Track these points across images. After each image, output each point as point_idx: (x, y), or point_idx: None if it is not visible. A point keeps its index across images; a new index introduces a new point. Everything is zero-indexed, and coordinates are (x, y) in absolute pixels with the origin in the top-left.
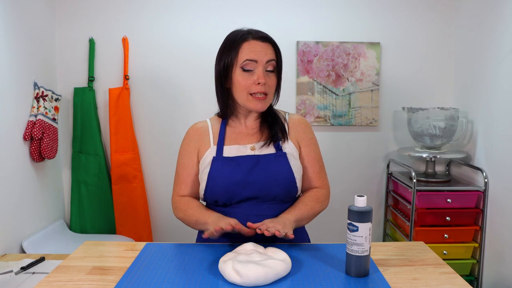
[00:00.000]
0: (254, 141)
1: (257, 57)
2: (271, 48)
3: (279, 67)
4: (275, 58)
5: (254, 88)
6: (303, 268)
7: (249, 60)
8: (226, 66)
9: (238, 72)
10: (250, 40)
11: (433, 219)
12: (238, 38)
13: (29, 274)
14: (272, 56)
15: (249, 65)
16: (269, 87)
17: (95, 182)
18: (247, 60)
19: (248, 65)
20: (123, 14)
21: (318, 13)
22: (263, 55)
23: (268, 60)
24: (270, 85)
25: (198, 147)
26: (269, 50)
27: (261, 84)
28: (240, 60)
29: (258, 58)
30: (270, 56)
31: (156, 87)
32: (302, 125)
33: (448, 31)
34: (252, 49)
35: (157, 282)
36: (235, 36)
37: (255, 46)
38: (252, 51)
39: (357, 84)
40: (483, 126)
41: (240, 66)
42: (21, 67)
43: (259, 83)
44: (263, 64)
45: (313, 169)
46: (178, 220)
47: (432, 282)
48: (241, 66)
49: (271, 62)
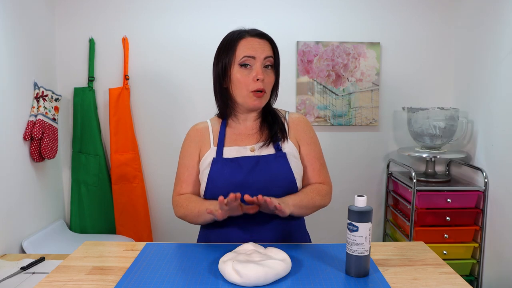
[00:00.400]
0: (254, 142)
1: (255, 53)
2: (268, 44)
3: (277, 64)
4: (273, 55)
5: (253, 85)
6: (303, 268)
7: (247, 57)
8: (225, 65)
9: (237, 69)
10: (247, 37)
11: (433, 219)
12: (235, 36)
13: (29, 274)
14: (269, 53)
15: (247, 62)
16: (267, 84)
17: (95, 182)
18: (245, 56)
19: (246, 61)
20: (123, 14)
21: (318, 13)
22: (260, 51)
23: (266, 56)
24: (268, 82)
25: (200, 148)
26: (267, 46)
27: (259, 80)
28: (238, 57)
29: (256, 54)
30: (268, 52)
31: (156, 87)
32: (302, 123)
33: (448, 31)
34: (249, 46)
35: (157, 282)
36: (232, 35)
37: (252, 42)
38: (250, 48)
39: (357, 84)
40: (483, 126)
41: (238, 63)
42: (21, 67)
43: (258, 79)
44: (261, 60)
45: (313, 167)
46: (178, 220)
47: (432, 282)
48: (239, 63)
49: (268, 59)
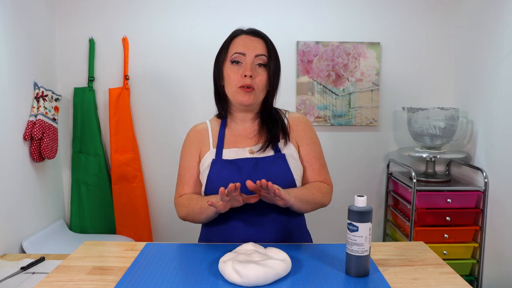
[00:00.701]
0: (253, 144)
1: (245, 50)
2: (262, 43)
3: (274, 64)
4: (266, 54)
5: (241, 81)
6: (303, 268)
7: (238, 53)
8: (219, 63)
9: (228, 66)
10: (242, 35)
11: (433, 219)
12: (231, 34)
13: (29, 274)
14: (262, 51)
15: (238, 58)
16: (257, 82)
17: (95, 182)
18: (236, 53)
19: (236, 58)
20: (123, 14)
21: (318, 13)
22: (252, 49)
23: (257, 55)
24: (258, 79)
25: (200, 149)
26: (260, 45)
27: (247, 76)
28: (230, 54)
29: (246, 51)
30: (260, 51)
31: (156, 87)
32: (302, 124)
33: (448, 31)
34: (241, 43)
35: (157, 282)
36: (230, 34)
37: (245, 40)
38: (241, 45)
39: (357, 84)
40: (483, 126)
41: (230, 59)
42: (21, 67)
43: (246, 75)
44: (252, 57)
45: (312, 168)
46: (178, 220)
47: (432, 282)
48: (231, 60)
49: (260, 57)
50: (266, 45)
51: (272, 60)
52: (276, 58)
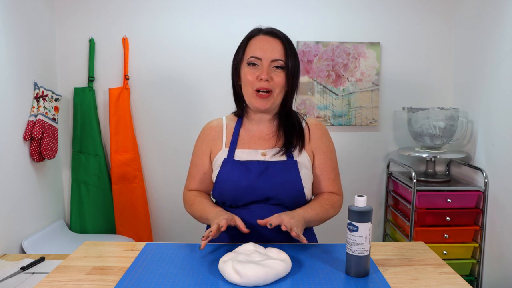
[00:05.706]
0: (267, 146)
1: (262, 54)
2: (280, 45)
3: (292, 66)
4: (283, 58)
5: (258, 83)
6: (303, 268)
7: (254, 57)
8: (237, 63)
9: (244, 66)
10: (259, 35)
11: (433, 219)
12: (249, 34)
13: (29, 274)
14: (279, 55)
15: (255, 61)
16: (275, 85)
17: (95, 182)
18: (252, 57)
19: (253, 61)
20: (123, 14)
21: (318, 13)
22: (268, 53)
23: (273, 59)
24: (276, 82)
25: (211, 148)
26: (278, 47)
27: (263, 80)
28: (247, 56)
29: (262, 56)
30: (277, 55)
31: (156, 87)
32: (320, 131)
33: (448, 31)
34: (258, 46)
35: (157, 282)
36: (248, 33)
37: (262, 42)
38: (258, 48)
39: (357, 84)
40: (483, 126)
41: (247, 61)
42: (21, 67)
43: (262, 79)
44: (268, 62)
45: (328, 177)
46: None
47: (432, 282)
48: (247, 62)
49: (277, 61)
50: (283, 46)
51: (290, 61)
52: (294, 57)
